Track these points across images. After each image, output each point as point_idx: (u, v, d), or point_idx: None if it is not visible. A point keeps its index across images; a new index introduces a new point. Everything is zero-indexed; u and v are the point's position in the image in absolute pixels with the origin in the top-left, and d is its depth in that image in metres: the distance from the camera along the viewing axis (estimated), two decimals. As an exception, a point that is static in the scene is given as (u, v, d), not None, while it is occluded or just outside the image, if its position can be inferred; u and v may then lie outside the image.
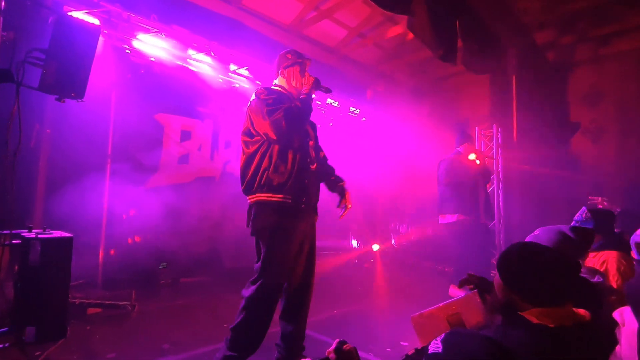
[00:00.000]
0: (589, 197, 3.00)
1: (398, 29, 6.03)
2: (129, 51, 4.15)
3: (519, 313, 1.06)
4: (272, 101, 2.20)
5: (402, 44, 6.81)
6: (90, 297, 3.40)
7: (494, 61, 4.89)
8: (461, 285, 2.18)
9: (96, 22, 3.65)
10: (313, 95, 2.41)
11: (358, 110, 6.81)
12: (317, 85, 2.43)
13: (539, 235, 1.45)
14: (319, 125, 2.76)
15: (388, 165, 6.68)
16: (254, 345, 2.21)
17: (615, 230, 2.92)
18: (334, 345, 1.27)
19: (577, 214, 2.79)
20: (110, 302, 3.30)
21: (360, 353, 2.61)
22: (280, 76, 2.47)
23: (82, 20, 3.15)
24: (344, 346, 1.28)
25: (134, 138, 4.44)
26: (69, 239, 2.60)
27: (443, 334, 0.94)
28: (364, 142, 6.84)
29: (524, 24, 5.26)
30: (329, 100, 6.33)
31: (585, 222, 2.64)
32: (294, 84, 2.41)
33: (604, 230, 2.29)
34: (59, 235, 2.60)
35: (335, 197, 2.56)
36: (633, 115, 5.17)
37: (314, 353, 1.21)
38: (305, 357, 2.40)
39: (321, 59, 6.46)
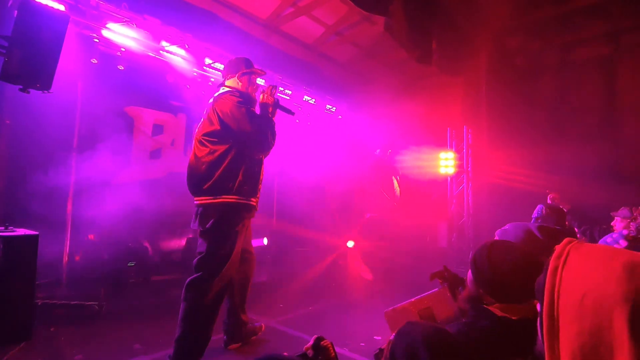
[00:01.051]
0: (547, 191, 3.22)
1: (375, 28, 6.10)
2: (97, 40, 3.97)
3: (485, 306, 1.13)
4: (251, 111, 2.39)
5: (379, 44, 6.91)
6: (54, 297, 3.25)
7: (467, 64, 5.07)
8: (432, 277, 2.26)
9: (62, 8, 3.47)
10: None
11: (334, 108, 6.85)
12: (277, 106, 2.65)
13: (508, 230, 1.52)
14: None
15: (363, 163, 6.78)
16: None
17: (566, 224, 3.14)
18: (311, 342, 1.30)
19: (535, 210, 2.96)
20: (76, 302, 3.17)
21: (336, 348, 2.66)
22: (236, 79, 2.65)
23: (49, 7, 2.98)
24: (322, 342, 1.30)
25: (103, 131, 4.25)
26: (34, 237, 2.48)
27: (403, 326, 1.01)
28: (340, 140, 6.90)
29: (495, 29, 5.47)
30: (306, 98, 6.33)
31: (544, 218, 2.81)
32: (249, 90, 2.66)
33: (560, 226, 2.45)
34: (23, 233, 2.47)
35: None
36: (590, 120, 5.51)
37: (291, 350, 1.22)
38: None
39: (298, 56, 6.44)
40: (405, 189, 5.73)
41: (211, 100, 2.55)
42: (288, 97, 6.04)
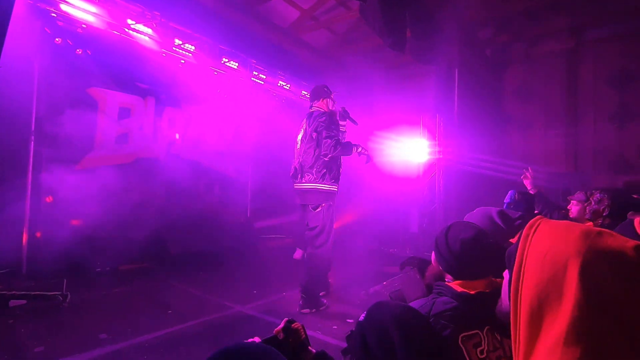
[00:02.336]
0: (523, 170, 3.35)
1: (351, 14, 6.05)
2: (54, 15, 3.70)
3: (447, 283, 1.19)
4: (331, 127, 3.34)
5: (355, 30, 6.88)
6: (13, 288, 3.08)
7: (439, 53, 5.13)
8: (402, 267, 2.34)
9: (13, -23, 3.19)
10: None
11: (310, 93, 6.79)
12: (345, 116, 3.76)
13: (473, 215, 1.59)
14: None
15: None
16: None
17: (536, 211, 3.30)
18: (282, 324, 1.30)
19: (507, 196, 3.09)
20: (37, 292, 3.02)
21: (308, 332, 2.68)
22: (321, 102, 3.62)
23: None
24: (292, 325, 1.30)
25: (63, 113, 4.01)
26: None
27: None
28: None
29: (467, 20, 5.56)
30: (281, 83, 6.24)
31: (517, 204, 2.94)
32: (330, 107, 3.65)
33: (526, 210, 2.57)
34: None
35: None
36: (554, 110, 5.77)
37: (263, 334, 1.22)
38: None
39: (273, 40, 6.29)
40: (378, 175, 5.81)
41: (306, 118, 3.57)
42: (262, 82, 5.93)
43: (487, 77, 6.15)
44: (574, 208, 2.78)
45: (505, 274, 0.87)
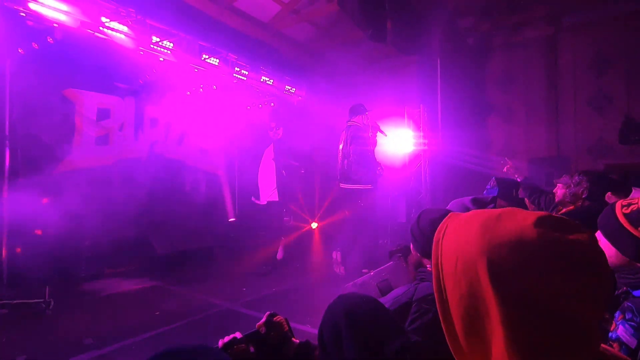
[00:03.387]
0: (504, 158, 3.34)
1: (332, 6, 6.00)
2: (24, 14, 3.57)
3: (428, 269, 1.19)
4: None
5: (337, 23, 6.83)
6: (-7, 298, 2.99)
7: (421, 43, 5.14)
8: (391, 255, 2.35)
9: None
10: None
11: (294, 89, 6.74)
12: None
13: (450, 206, 1.61)
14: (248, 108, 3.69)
15: (324, 143, 6.78)
16: None
17: (520, 196, 3.33)
18: (264, 318, 1.28)
19: (488, 183, 3.12)
20: (18, 300, 2.94)
21: (298, 325, 2.68)
22: (359, 117, 4.37)
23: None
24: (274, 318, 1.29)
25: (38, 117, 3.90)
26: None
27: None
28: (301, 121, 6.82)
29: (448, 9, 5.57)
30: (264, 78, 6.17)
31: (491, 190, 2.96)
32: (365, 122, 4.38)
33: (506, 196, 2.59)
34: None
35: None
36: (535, 97, 5.85)
37: (248, 329, 1.21)
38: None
39: (254, 35, 6.21)
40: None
41: (344, 130, 4.30)
42: (245, 78, 5.85)
43: (469, 66, 6.19)
44: (559, 191, 2.82)
45: None
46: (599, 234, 1.12)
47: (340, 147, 4.34)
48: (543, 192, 3.23)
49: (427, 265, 1.25)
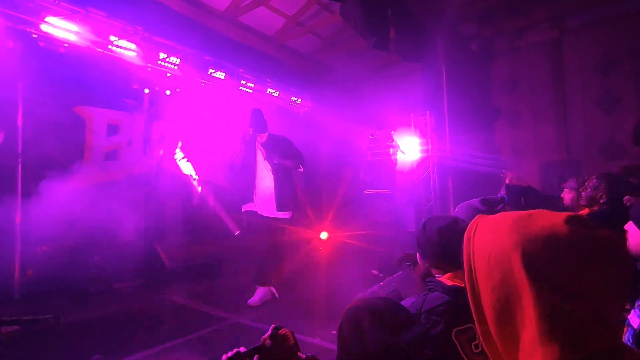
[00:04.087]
0: (503, 170, 3.31)
1: (335, 17, 6.07)
2: (36, 36, 3.69)
3: (437, 278, 1.15)
4: None
5: (340, 34, 6.90)
6: (4, 314, 3.01)
7: (425, 50, 5.14)
8: (399, 262, 2.30)
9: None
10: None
11: (300, 100, 6.79)
12: None
13: (457, 211, 1.57)
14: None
15: (332, 153, 6.78)
16: None
17: (523, 203, 3.26)
18: (269, 332, 1.25)
19: (500, 192, 3.06)
20: (29, 317, 2.95)
21: (307, 338, 2.63)
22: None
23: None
24: (280, 331, 1.26)
25: (50, 134, 3.98)
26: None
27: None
28: (308, 131, 6.84)
29: (450, 16, 5.58)
30: (270, 90, 6.23)
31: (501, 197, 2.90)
32: None
33: (514, 204, 2.53)
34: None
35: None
36: (542, 99, 5.78)
37: (255, 343, 1.18)
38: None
39: (259, 48, 6.30)
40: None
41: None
42: (251, 91, 5.91)
43: (474, 72, 6.16)
44: (566, 196, 2.75)
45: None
46: (630, 225, 1.26)
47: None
48: (547, 198, 3.14)
49: (436, 275, 1.21)
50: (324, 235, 6.50)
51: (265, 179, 3.79)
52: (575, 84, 5.52)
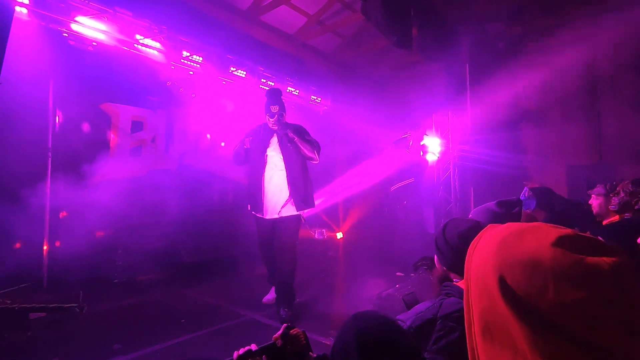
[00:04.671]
0: (524, 183, 3.16)
1: (357, 16, 6.02)
2: (66, 34, 3.83)
3: (454, 283, 1.12)
4: None
5: (362, 33, 6.84)
6: (33, 302, 3.15)
7: (449, 49, 5.02)
8: (415, 267, 2.25)
9: (25, 1, 3.33)
10: None
11: (319, 98, 6.78)
12: None
13: (473, 215, 1.53)
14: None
15: (349, 152, 6.74)
16: None
17: (556, 209, 3.12)
18: (280, 331, 1.25)
19: (521, 193, 2.95)
20: (55, 305, 3.08)
21: (321, 338, 2.61)
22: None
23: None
24: (291, 331, 1.25)
25: (78, 130, 4.14)
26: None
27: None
28: (327, 130, 6.83)
29: (476, 14, 5.43)
30: (290, 89, 6.25)
31: (528, 200, 2.80)
32: None
33: (545, 206, 2.42)
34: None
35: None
36: (573, 101, 5.53)
37: (268, 339, 1.18)
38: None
39: (280, 47, 6.33)
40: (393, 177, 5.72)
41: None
42: (271, 89, 5.94)
43: (500, 71, 5.97)
44: (594, 202, 2.62)
45: None
46: None
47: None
48: (574, 204, 3.00)
49: (454, 280, 1.17)
50: (339, 234, 6.48)
51: (277, 173, 3.19)
52: (609, 84, 5.25)
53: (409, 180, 4.56)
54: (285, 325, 1.27)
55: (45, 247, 3.83)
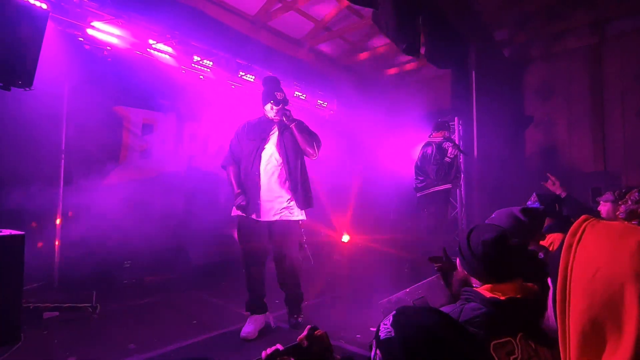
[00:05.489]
0: (541, 183, 3.20)
1: (364, 22, 6.09)
2: (82, 39, 3.91)
3: (475, 289, 1.15)
4: None
5: (368, 38, 6.91)
6: (46, 301, 3.20)
7: (455, 56, 5.08)
8: (432, 260, 2.26)
9: (43, 6, 3.40)
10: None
11: (326, 103, 6.85)
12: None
13: (495, 217, 1.55)
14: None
15: (355, 156, 6.80)
16: None
17: (564, 214, 3.16)
18: (305, 332, 1.29)
19: (529, 200, 2.99)
20: (68, 304, 3.12)
21: (331, 341, 2.65)
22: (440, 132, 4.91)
23: (28, 2, 2.92)
24: (316, 332, 1.29)
25: (91, 131, 4.20)
26: (20, 237, 2.44)
27: (391, 316, 0.90)
28: (332, 134, 6.89)
29: (483, 22, 5.50)
30: (297, 93, 6.32)
31: (533, 206, 2.84)
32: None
33: (551, 213, 2.46)
34: (8, 234, 2.42)
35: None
36: (578, 108, 5.58)
37: (286, 342, 1.22)
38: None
39: (287, 52, 6.40)
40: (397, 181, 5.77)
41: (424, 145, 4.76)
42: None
43: (505, 78, 6.03)
44: (602, 208, 2.66)
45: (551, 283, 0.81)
46: None
47: (418, 162, 4.74)
48: (587, 209, 3.04)
49: (474, 285, 1.21)
50: (345, 238, 6.52)
51: (277, 170, 2.85)
52: (615, 92, 5.30)
53: (445, 185, 4.58)
54: (309, 326, 1.31)
55: (56, 247, 3.89)
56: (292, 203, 2.87)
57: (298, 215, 2.90)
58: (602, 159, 5.33)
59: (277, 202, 2.84)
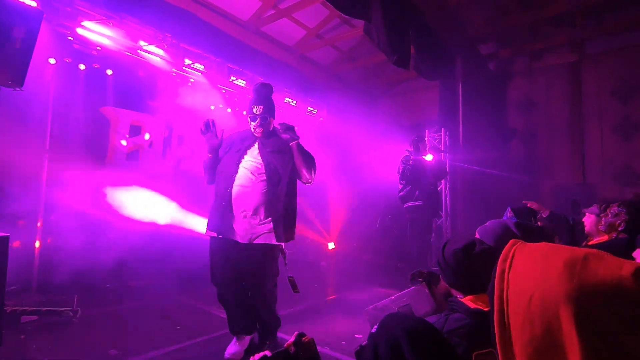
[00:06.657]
0: (523, 202, 3.24)
1: (355, 31, 6.21)
2: (71, 38, 3.86)
3: (460, 299, 1.18)
4: None
5: (358, 47, 7.03)
6: (24, 304, 3.11)
7: (443, 69, 5.22)
8: (412, 278, 2.33)
9: (33, 4, 3.35)
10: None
11: (316, 110, 6.90)
12: None
13: (488, 227, 1.56)
14: None
15: (343, 164, 6.85)
16: None
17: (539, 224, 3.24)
18: (292, 338, 1.30)
19: (505, 215, 3.07)
20: (48, 308, 3.05)
21: (317, 348, 2.67)
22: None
23: (22, 3, 2.88)
24: (303, 338, 1.31)
25: (77, 132, 4.13)
26: (4, 239, 2.37)
27: (375, 327, 1.02)
28: (322, 141, 6.93)
29: (470, 36, 5.67)
30: (287, 99, 6.35)
31: (511, 220, 2.91)
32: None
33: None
34: (-10, 236, 2.36)
35: None
36: (558, 123, 5.80)
37: (272, 348, 1.23)
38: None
39: (279, 58, 6.45)
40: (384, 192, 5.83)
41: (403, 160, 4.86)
42: (269, 99, 6.03)
43: (490, 91, 6.22)
44: (587, 220, 2.74)
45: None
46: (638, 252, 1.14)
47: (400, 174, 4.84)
48: (572, 226, 3.11)
49: (458, 295, 1.23)
50: (331, 245, 6.55)
51: (253, 187, 2.46)
52: (593, 108, 5.53)
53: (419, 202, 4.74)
54: (297, 332, 1.33)
55: (36, 249, 3.79)
56: (270, 226, 2.43)
57: (280, 238, 2.46)
58: (581, 171, 5.54)
59: (251, 224, 2.42)
